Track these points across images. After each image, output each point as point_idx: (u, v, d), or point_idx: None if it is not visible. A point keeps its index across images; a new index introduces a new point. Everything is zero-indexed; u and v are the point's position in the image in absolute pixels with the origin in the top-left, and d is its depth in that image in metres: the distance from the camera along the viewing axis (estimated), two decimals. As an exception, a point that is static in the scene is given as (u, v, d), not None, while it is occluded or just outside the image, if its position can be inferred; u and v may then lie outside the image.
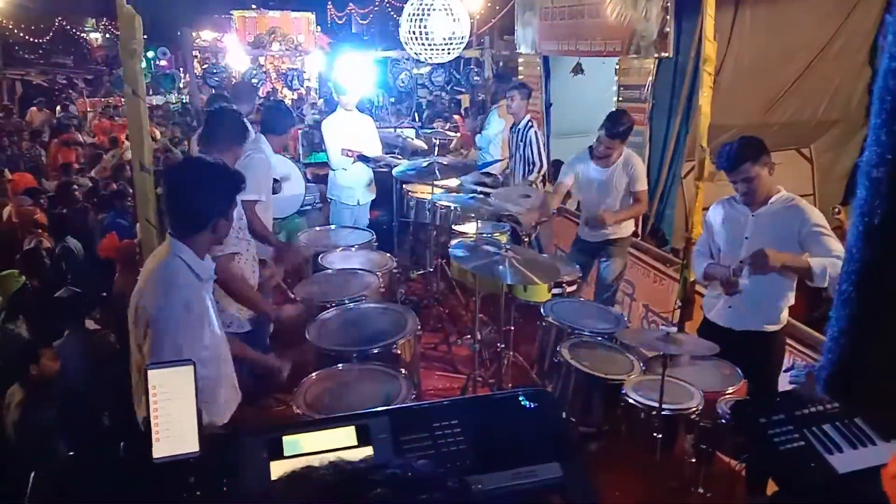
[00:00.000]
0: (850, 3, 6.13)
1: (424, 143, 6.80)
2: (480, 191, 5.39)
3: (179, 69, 20.54)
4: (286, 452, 1.63)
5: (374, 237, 5.07)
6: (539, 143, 5.99)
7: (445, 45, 6.17)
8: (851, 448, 1.99)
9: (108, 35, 30.65)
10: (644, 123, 6.77)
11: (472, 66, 10.42)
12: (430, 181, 5.23)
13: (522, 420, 1.78)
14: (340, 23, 24.03)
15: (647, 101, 6.71)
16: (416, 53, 6.35)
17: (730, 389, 3.18)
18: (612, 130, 4.59)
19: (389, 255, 4.74)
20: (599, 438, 3.51)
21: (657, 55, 6.47)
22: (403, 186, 6.16)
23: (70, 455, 1.81)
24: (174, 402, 1.52)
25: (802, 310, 4.36)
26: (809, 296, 4.73)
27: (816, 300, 4.42)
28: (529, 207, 4.81)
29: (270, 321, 3.60)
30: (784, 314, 3.49)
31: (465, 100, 13.13)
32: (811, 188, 7.25)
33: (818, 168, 7.22)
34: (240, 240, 3.76)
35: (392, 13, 18.22)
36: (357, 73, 6.75)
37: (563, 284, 4.58)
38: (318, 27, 21.90)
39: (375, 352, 3.26)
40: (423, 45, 6.15)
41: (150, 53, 22.37)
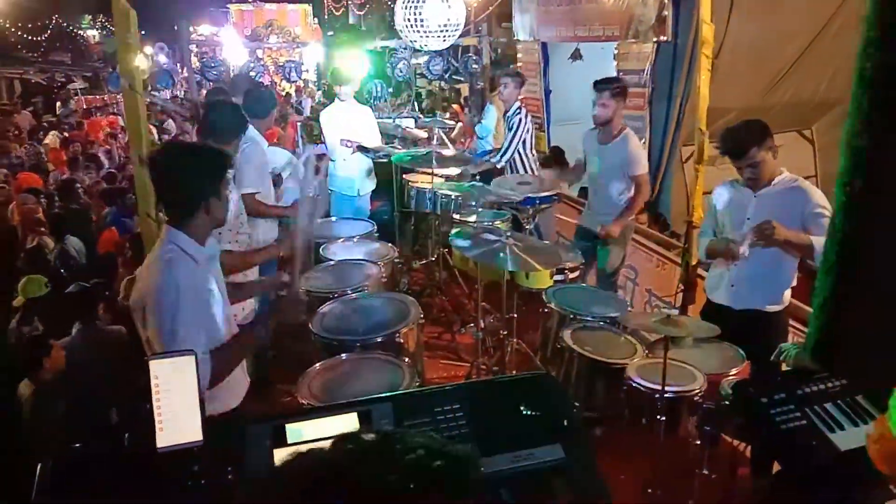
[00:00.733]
0: (849, -17, 6.09)
1: (424, 133, 6.78)
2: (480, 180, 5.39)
3: (177, 64, 20.48)
4: (289, 440, 1.64)
5: (375, 227, 5.07)
6: (520, 130, 5.91)
7: (441, 32, 6.14)
8: (853, 425, 1.99)
9: (106, 32, 30.60)
10: (644, 108, 6.75)
11: (471, 54, 10.37)
12: (430, 170, 5.23)
13: (524, 403, 1.78)
14: (337, 14, 23.95)
15: (647, 86, 6.69)
16: (412, 41, 6.33)
17: (733, 371, 3.20)
18: (599, 85, 4.61)
19: (391, 245, 4.74)
20: (603, 422, 3.53)
21: (656, 39, 6.44)
22: (404, 176, 6.16)
23: (76, 446, 1.82)
24: (176, 393, 1.53)
25: (806, 292, 4.36)
26: (813, 278, 4.72)
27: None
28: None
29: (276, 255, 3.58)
30: (786, 294, 3.49)
31: (465, 89, 13.09)
32: (813, 169, 7.24)
33: (820, 149, 7.20)
34: (239, 234, 3.78)
35: (389, 2, 18.14)
36: (354, 64, 6.74)
37: (566, 271, 4.58)
38: (315, 19, 21.86)
39: (379, 341, 3.27)
40: (419, 33, 6.12)
41: (149, 49, 22.33)
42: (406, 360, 3.07)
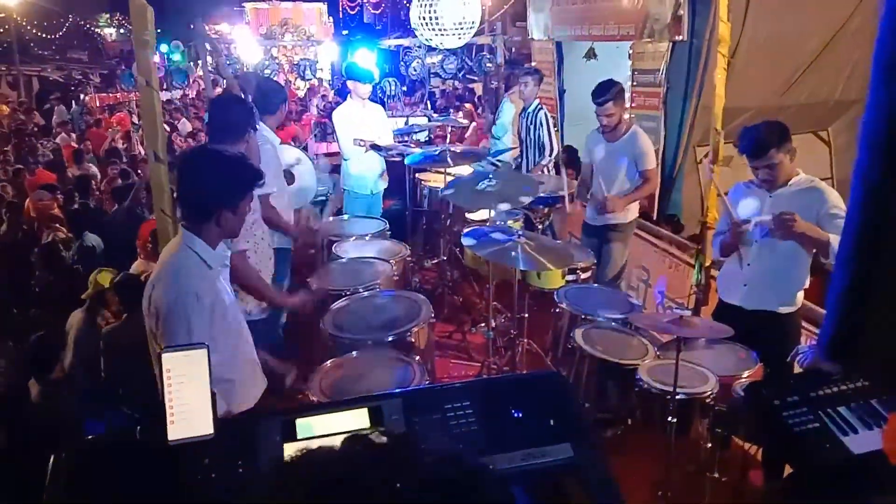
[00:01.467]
0: (869, -21, 6.03)
1: (437, 127, 6.78)
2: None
3: (191, 63, 20.64)
4: (299, 435, 1.65)
5: (388, 226, 5.08)
6: (549, 126, 5.94)
7: (456, 30, 6.13)
8: (867, 429, 1.97)
9: (122, 30, 30.88)
10: (659, 108, 6.72)
11: (485, 53, 10.36)
12: (443, 168, 5.23)
13: (534, 402, 1.78)
14: (352, 13, 24.01)
15: (662, 86, 6.65)
16: (427, 39, 6.32)
17: (745, 373, 3.17)
18: (597, 99, 4.61)
19: (403, 244, 4.75)
20: (614, 423, 3.51)
21: (671, 39, 6.41)
22: (416, 175, 6.16)
23: (88, 439, 1.84)
24: (188, 385, 1.54)
25: (820, 294, 4.32)
26: (827, 277, 4.68)
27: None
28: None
29: (281, 305, 3.59)
30: (799, 296, 3.47)
31: (478, 88, 13.08)
32: (829, 171, 7.16)
33: (836, 151, 7.13)
34: (253, 234, 3.77)
35: (404, 1, 18.16)
36: (369, 62, 6.74)
37: (578, 271, 4.57)
38: (330, 18, 21.92)
39: (390, 339, 3.28)
40: (434, 31, 6.11)
41: (164, 47, 22.49)
42: (417, 359, 3.08)
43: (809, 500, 2.03)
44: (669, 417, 3.03)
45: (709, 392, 3.06)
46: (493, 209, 4.51)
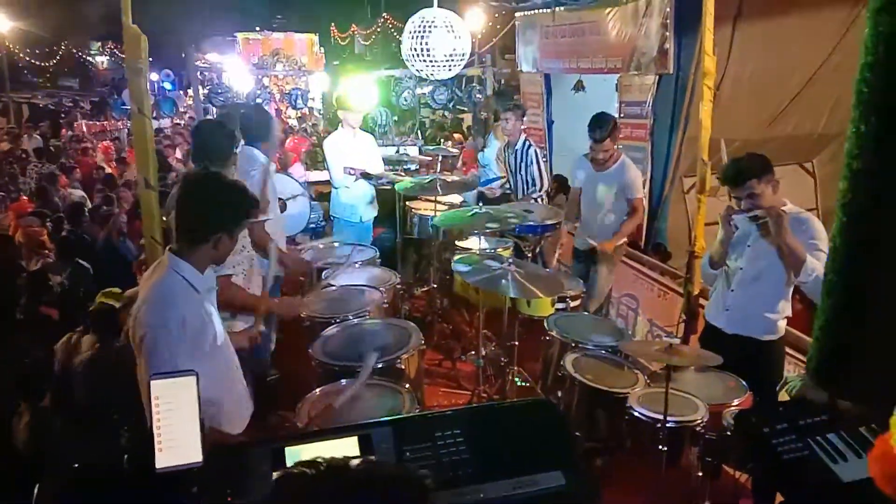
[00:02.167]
0: (850, 17, 6.18)
1: (427, 158, 6.84)
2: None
3: (180, 91, 20.74)
4: (289, 462, 1.63)
5: (378, 254, 5.08)
6: (539, 162, 5.98)
7: (447, 62, 6.21)
8: (856, 457, 1.98)
9: (114, 58, 31.05)
10: (646, 139, 6.81)
11: (475, 84, 10.49)
12: (433, 197, 5.26)
13: (525, 429, 1.77)
14: (343, 44, 24.26)
15: (649, 117, 6.76)
16: (418, 70, 6.39)
17: (735, 401, 3.17)
18: (598, 136, 4.69)
19: (393, 272, 4.75)
20: (605, 453, 3.50)
21: (658, 72, 6.52)
22: (406, 203, 6.18)
23: (75, 466, 1.81)
24: (177, 413, 1.52)
25: (808, 322, 4.36)
26: (813, 307, 4.72)
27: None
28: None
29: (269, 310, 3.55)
30: (781, 324, 3.52)
31: (468, 118, 13.22)
32: (814, 202, 7.26)
33: (821, 182, 7.24)
34: (240, 261, 3.75)
35: (394, 33, 18.39)
36: (359, 92, 6.80)
37: (567, 299, 4.58)
38: (322, 48, 22.12)
39: (379, 367, 3.26)
40: (425, 62, 6.19)
41: (154, 76, 22.58)
42: (406, 386, 3.06)
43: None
44: (660, 446, 3.02)
45: (699, 420, 3.06)
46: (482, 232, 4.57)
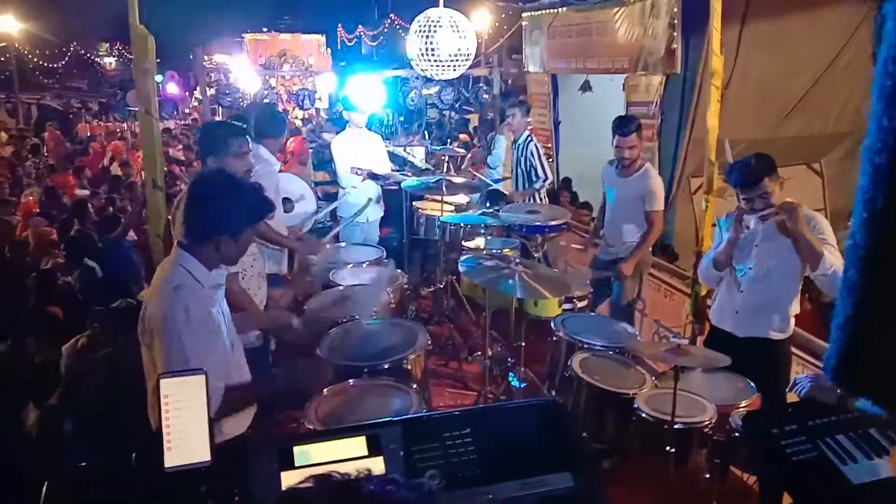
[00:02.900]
0: (858, 17, 6.15)
1: (433, 163, 6.86)
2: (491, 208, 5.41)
3: (186, 93, 20.78)
4: (297, 462, 1.63)
5: (385, 253, 5.08)
6: (540, 155, 5.96)
7: (452, 62, 6.21)
8: (866, 458, 1.96)
9: (122, 59, 31.21)
10: (653, 140, 6.79)
11: (481, 85, 10.48)
12: (440, 197, 5.26)
13: (533, 430, 1.77)
14: (350, 44, 24.32)
15: (656, 118, 6.74)
16: (423, 70, 6.39)
17: (743, 403, 3.16)
18: (624, 130, 4.58)
19: (400, 272, 4.75)
20: (612, 454, 3.49)
21: (665, 72, 6.51)
22: (413, 204, 6.19)
23: (83, 465, 1.81)
24: (186, 412, 1.53)
25: (815, 322, 4.34)
26: (821, 307, 4.71)
27: (828, 312, 4.40)
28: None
29: (277, 326, 3.54)
30: (790, 324, 3.49)
31: (474, 119, 13.20)
32: (822, 202, 7.23)
33: (829, 182, 7.20)
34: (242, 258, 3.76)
35: (401, 33, 18.42)
36: (366, 92, 6.81)
37: (574, 299, 4.58)
38: (329, 49, 22.19)
39: (386, 367, 3.26)
40: (430, 62, 6.19)
41: (159, 77, 22.65)
42: (414, 387, 3.06)
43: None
44: (668, 447, 3.01)
45: (707, 421, 3.05)
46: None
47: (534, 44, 9.24)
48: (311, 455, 1.66)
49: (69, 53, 27.50)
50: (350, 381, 3.10)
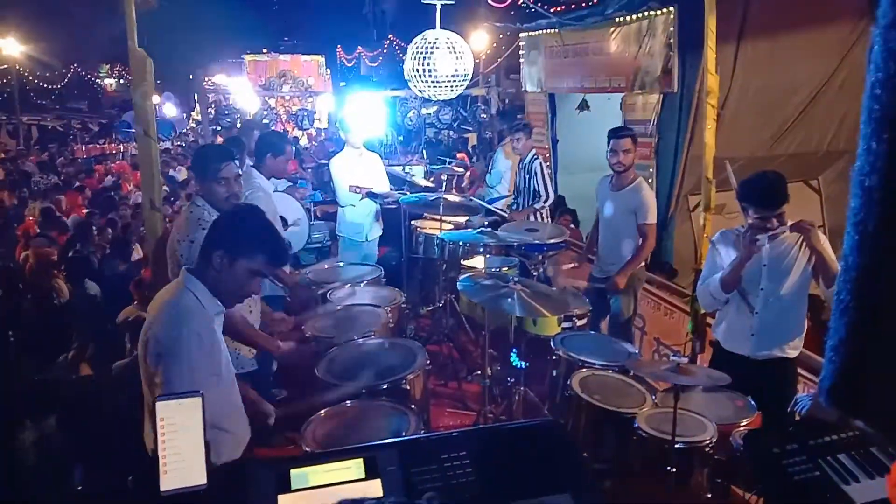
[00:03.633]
0: (854, 35, 6.20)
1: (431, 183, 6.89)
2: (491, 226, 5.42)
3: (184, 115, 20.93)
4: (294, 486, 1.61)
5: (383, 273, 5.07)
6: (544, 174, 6.06)
7: (449, 83, 6.26)
8: (868, 478, 1.94)
9: (122, 80, 31.41)
10: (650, 158, 6.82)
11: (479, 104, 10.56)
12: (438, 216, 5.27)
13: (533, 450, 1.76)
14: (350, 65, 24.48)
15: (653, 136, 6.77)
16: (421, 91, 6.44)
17: (744, 421, 3.14)
18: (619, 132, 4.65)
19: (398, 291, 4.74)
20: (613, 474, 3.45)
21: (662, 91, 6.55)
22: (412, 223, 6.20)
23: (79, 489, 1.80)
24: (182, 435, 1.51)
25: (814, 339, 4.33)
26: (822, 327, 4.69)
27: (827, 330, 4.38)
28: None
29: (273, 352, 3.54)
30: (801, 339, 3.48)
31: (472, 138, 13.29)
32: (821, 219, 7.23)
33: (827, 199, 7.21)
34: None
35: (400, 54, 18.55)
36: (364, 112, 6.85)
37: (574, 318, 4.56)
38: (328, 69, 22.34)
39: (384, 387, 3.24)
40: (427, 83, 6.24)
41: (156, 98, 22.76)
42: (412, 407, 3.04)
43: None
44: (668, 467, 2.99)
45: (708, 441, 3.02)
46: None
47: (531, 63, 9.31)
48: (309, 478, 1.64)
49: (69, 74, 27.67)
50: (348, 402, 3.08)
